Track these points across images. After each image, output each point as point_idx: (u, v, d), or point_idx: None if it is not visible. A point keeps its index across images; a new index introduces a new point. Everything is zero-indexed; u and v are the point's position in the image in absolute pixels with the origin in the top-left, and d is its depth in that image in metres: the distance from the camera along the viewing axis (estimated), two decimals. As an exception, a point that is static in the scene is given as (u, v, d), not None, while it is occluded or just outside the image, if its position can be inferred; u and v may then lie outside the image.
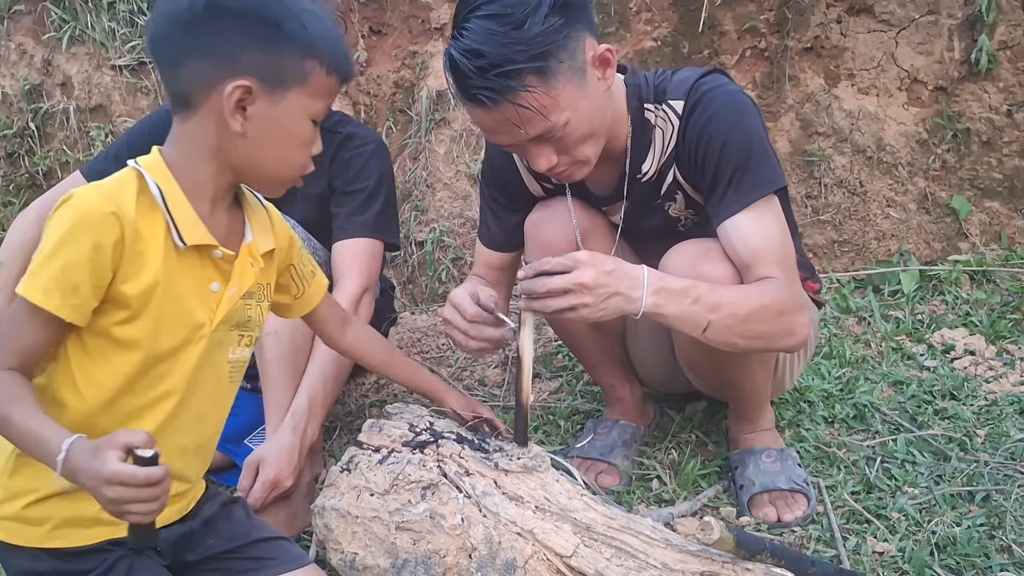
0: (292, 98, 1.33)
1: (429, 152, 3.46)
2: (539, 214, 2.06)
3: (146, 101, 3.47)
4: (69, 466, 1.16)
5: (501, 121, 1.71)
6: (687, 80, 1.87)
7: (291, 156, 1.38)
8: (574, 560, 1.46)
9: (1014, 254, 3.22)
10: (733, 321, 1.71)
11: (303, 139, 1.38)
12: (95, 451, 1.14)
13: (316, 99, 1.36)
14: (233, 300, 1.40)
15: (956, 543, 1.83)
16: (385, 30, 3.55)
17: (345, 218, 2.20)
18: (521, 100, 1.66)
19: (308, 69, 1.32)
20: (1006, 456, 2.15)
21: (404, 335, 3.01)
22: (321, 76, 1.34)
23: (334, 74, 1.36)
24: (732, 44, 3.32)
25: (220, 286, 1.39)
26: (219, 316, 1.39)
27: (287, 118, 1.34)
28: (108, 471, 1.13)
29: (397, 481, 1.61)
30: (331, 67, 1.35)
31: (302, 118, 1.36)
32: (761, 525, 1.95)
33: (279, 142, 1.36)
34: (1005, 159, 3.21)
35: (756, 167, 1.81)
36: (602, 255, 1.65)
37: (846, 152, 3.28)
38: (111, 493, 1.13)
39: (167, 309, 1.32)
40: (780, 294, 1.75)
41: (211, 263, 1.38)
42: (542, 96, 1.67)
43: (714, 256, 1.83)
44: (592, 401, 2.50)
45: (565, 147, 1.77)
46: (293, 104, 1.33)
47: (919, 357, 2.71)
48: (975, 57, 3.12)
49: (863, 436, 2.28)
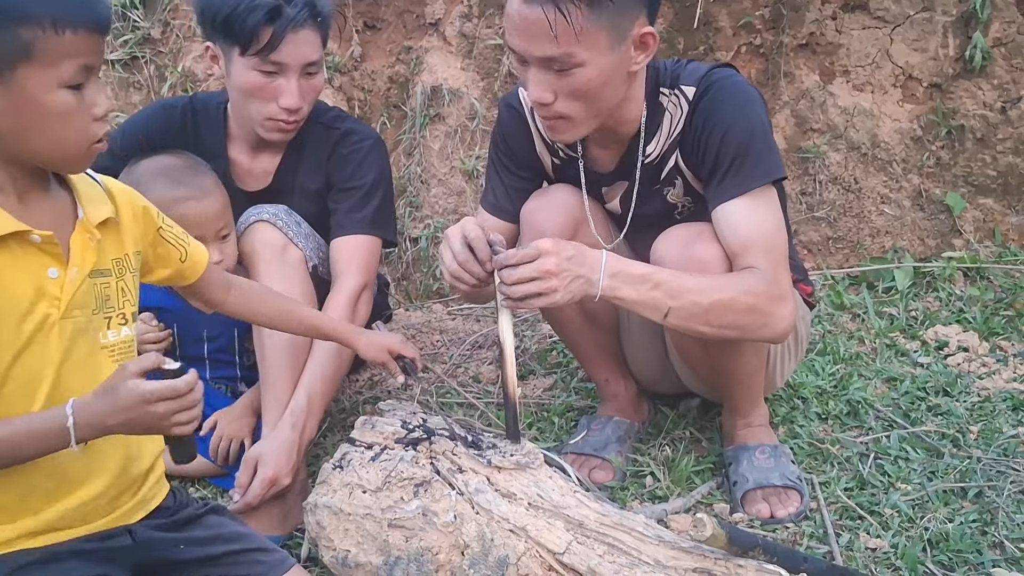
0: (22, 76, 1.15)
1: (424, 148, 3.46)
2: (536, 201, 2.07)
3: (139, 96, 3.45)
4: (84, 424, 1.19)
5: (533, 17, 1.70)
6: (700, 69, 1.92)
7: (62, 133, 1.22)
8: (567, 557, 1.46)
9: (1008, 251, 3.22)
10: (697, 309, 1.74)
11: (62, 111, 1.20)
12: (110, 391, 1.19)
13: (56, 66, 1.17)
14: (77, 282, 1.29)
15: (949, 539, 1.84)
16: (379, 25, 3.54)
17: (343, 215, 2.20)
18: (564, 6, 1.67)
19: (28, 39, 1.14)
20: (999, 452, 2.15)
21: (398, 331, 3.00)
22: (48, 40, 1.15)
23: (67, 31, 1.16)
24: (727, 40, 3.32)
25: (59, 271, 1.28)
26: (65, 300, 1.28)
27: (28, 99, 1.17)
28: (146, 392, 1.18)
29: (390, 478, 1.61)
30: (60, 25, 1.15)
31: (48, 91, 1.17)
32: (754, 521, 1.95)
33: (37, 125, 1.19)
34: (999, 156, 3.22)
35: (756, 156, 1.84)
36: (564, 241, 1.69)
37: (841, 149, 3.28)
38: (158, 409, 1.19)
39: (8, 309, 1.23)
40: (755, 285, 1.77)
41: (36, 250, 1.26)
42: (580, 20, 1.68)
43: (706, 238, 1.86)
44: (586, 398, 2.50)
45: (565, 90, 1.77)
46: (28, 82, 1.16)
47: (913, 354, 2.71)
48: (969, 54, 3.12)
49: (856, 432, 2.29)
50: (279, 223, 2.11)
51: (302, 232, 2.16)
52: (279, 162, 2.27)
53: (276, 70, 2.05)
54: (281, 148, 2.26)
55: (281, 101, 2.07)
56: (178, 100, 2.38)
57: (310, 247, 2.16)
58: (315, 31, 2.08)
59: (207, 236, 1.97)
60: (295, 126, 2.15)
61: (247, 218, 2.14)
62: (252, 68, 2.04)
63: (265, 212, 2.13)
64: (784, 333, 1.83)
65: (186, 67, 3.39)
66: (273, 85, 2.07)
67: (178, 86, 3.36)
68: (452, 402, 2.53)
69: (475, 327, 3.06)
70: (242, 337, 2.24)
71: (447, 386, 2.62)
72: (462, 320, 3.15)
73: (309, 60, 2.07)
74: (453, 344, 2.93)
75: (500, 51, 3.40)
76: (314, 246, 2.18)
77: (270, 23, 1.99)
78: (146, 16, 3.44)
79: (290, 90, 2.07)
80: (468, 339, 2.93)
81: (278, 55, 2.02)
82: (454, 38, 3.45)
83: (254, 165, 2.28)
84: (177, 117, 2.28)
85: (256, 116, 2.12)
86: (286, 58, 2.04)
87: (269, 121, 2.11)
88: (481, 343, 2.93)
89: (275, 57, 2.02)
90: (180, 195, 1.98)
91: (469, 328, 3.06)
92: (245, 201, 2.21)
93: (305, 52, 2.06)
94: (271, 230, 2.10)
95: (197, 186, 2.04)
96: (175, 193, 1.98)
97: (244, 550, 1.50)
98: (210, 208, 2.03)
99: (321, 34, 2.11)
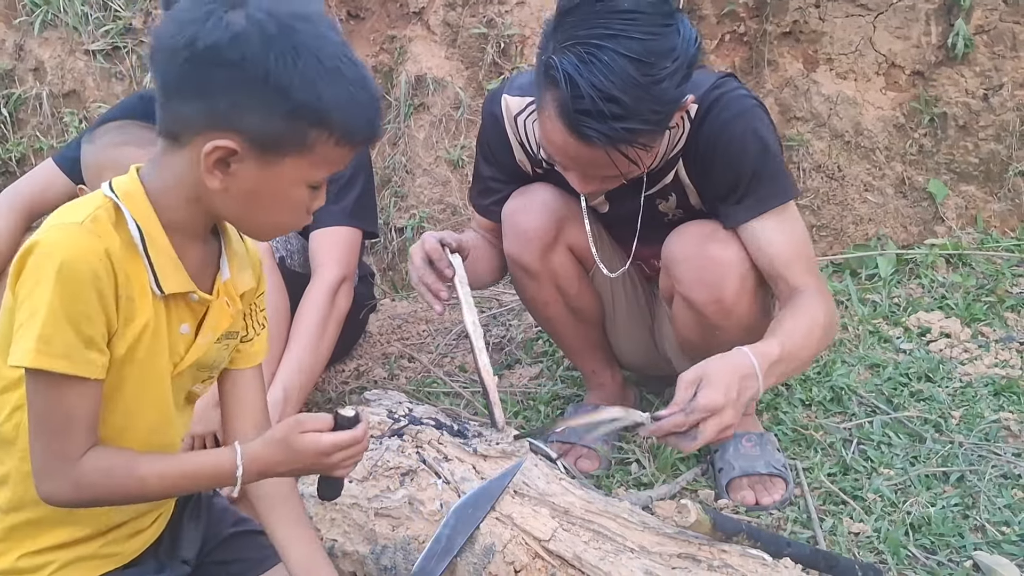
0: (287, 165, 1.16)
1: (408, 138, 3.45)
2: (516, 202, 2.06)
3: (121, 87, 3.43)
4: (252, 471, 1.23)
5: (589, 157, 1.67)
6: (703, 83, 1.84)
7: (279, 218, 1.24)
8: (552, 544, 1.47)
9: (989, 237, 3.24)
10: (811, 356, 1.80)
11: (295, 204, 1.22)
12: (284, 443, 1.22)
13: (317, 168, 1.19)
14: (205, 347, 1.28)
15: (931, 523, 1.86)
16: (363, 14, 3.52)
17: (322, 206, 2.19)
18: (627, 151, 1.64)
19: (313, 139, 1.15)
20: (980, 437, 2.17)
21: (384, 322, 3.00)
22: (328, 146, 1.17)
23: (346, 145, 1.18)
24: (711, 29, 3.32)
25: (189, 328, 1.26)
26: (188, 361, 1.26)
27: (277, 183, 1.18)
28: (326, 445, 1.22)
29: (376, 468, 1.61)
30: (343, 138, 1.17)
31: (296, 184, 1.20)
32: (739, 508, 1.96)
33: (266, 205, 1.20)
34: (981, 143, 3.23)
35: (775, 173, 1.85)
36: (721, 381, 1.54)
37: (824, 137, 3.29)
38: (334, 459, 1.23)
39: (149, 357, 1.21)
40: (822, 310, 1.78)
41: (184, 305, 1.24)
42: (646, 152, 1.67)
43: (721, 238, 1.87)
44: (572, 386, 2.51)
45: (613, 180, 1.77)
46: (287, 171, 1.17)
47: (895, 340, 2.73)
48: (952, 41, 3.13)
49: (840, 418, 2.30)
50: None
51: None
52: None
53: None
54: None
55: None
56: (158, 91, 2.36)
57: (276, 238, 2.14)
58: None
59: None
60: None
61: None
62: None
63: None
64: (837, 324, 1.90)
65: (168, 57, 3.36)
66: None
67: (160, 76, 3.34)
68: (438, 391, 2.53)
69: (460, 317, 3.05)
70: None
71: (433, 375, 2.62)
72: (448, 310, 3.14)
73: None
74: (439, 334, 2.93)
75: (484, 40, 3.39)
76: (280, 237, 2.15)
77: None
78: (127, 5, 3.42)
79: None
80: (454, 329, 2.93)
81: None
82: (438, 27, 3.44)
83: None
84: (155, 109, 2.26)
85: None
86: None
87: None
88: (467, 332, 2.92)
89: None
90: (120, 140, 1.97)
91: (455, 318, 3.05)
92: None
93: None
94: None
95: (140, 136, 2.02)
96: (116, 139, 1.97)
97: (251, 532, 1.49)
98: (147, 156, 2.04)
99: None
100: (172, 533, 1.42)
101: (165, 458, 1.24)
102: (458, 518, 1.51)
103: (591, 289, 2.17)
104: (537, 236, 2.02)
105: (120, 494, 1.21)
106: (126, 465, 1.19)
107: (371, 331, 2.88)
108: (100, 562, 1.30)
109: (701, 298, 1.87)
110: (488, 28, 3.38)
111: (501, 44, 3.36)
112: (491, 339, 2.83)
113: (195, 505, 1.47)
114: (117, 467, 1.19)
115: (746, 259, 1.86)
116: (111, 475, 1.19)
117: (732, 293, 1.85)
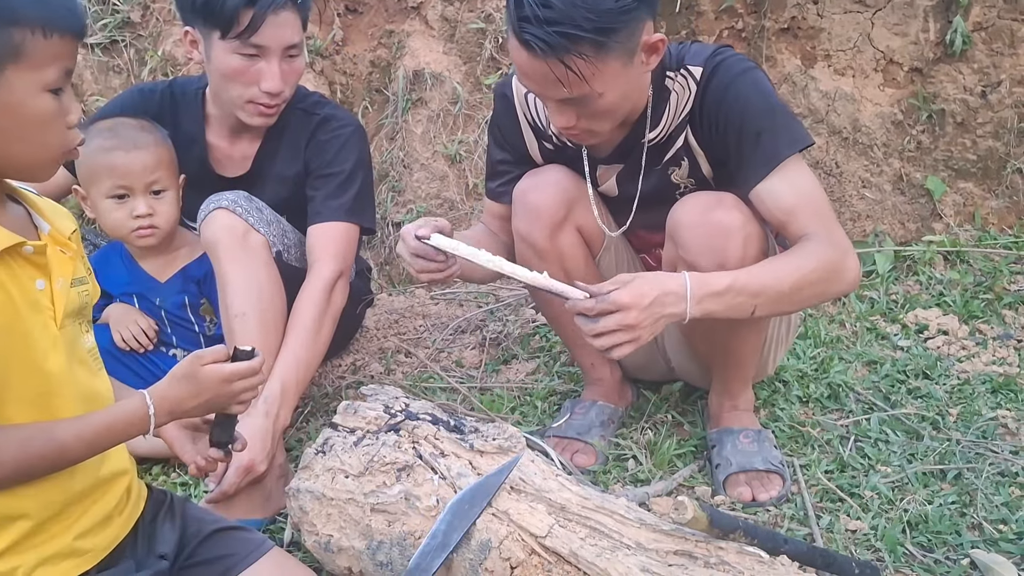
0: (9, 77, 1.15)
1: (406, 132, 3.44)
2: (528, 181, 2.08)
3: (118, 80, 3.41)
4: (163, 411, 1.29)
5: (540, 71, 1.73)
6: (705, 49, 1.93)
7: (39, 138, 1.21)
8: (548, 540, 1.47)
9: (987, 234, 3.24)
10: (778, 296, 1.76)
11: (44, 115, 1.19)
12: (189, 377, 1.31)
13: (42, 70, 1.17)
14: (65, 293, 1.27)
15: (928, 521, 1.85)
16: (361, 9, 3.51)
17: (321, 202, 2.19)
18: (569, 62, 1.69)
19: (18, 40, 1.14)
20: (978, 435, 2.17)
21: (381, 316, 3.00)
22: (38, 42, 1.15)
23: (54, 34, 1.16)
24: (709, 24, 3.32)
25: (44, 282, 1.25)
26: (59, 312, 1.26)
27: (10, 99, 1.16)
28: (226, 373, 1.33)
29: (372, 463, 1.61)
30: (48, 27, 1.16)
31: (33, 94, 1.17)
32: (736, 504, 1.96)
33: (16, 128, 1.18)
34: (979, 140, 3.23)
35: (780, 127, 1.86)
36: (640, 287, 1.64)
37: (822, 133, 3.29)
38: (235, 388, 1.34)
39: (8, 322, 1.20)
40: (818, 251, 1.78)
41: (24, 261, 1.23)
42: (590, 66, 1.71)
43: (727, 204, 1.87)
44: (569, 382, 2.50)
45: (587, 114, 1.81)
46: (14, 83, 1.15)
47: (893, 337, 2.73)
48: (950, 38, 3.13)
49: (837, 415, 2.30)
50: (238, 210, 2.08)
51: (264, 218, 2.13)
52: (258, 148, 2.25)
53: (257, 53, 2.03)
54: (260, 134, 2.24)
55: (263, 85, 2.06)
56: (157, 85, 2.35)
57: (273, 233, 2.13)
58: (295, 13, 2.06)
59: (134, 188, 2.11)
60: (277, 109, 2.14)
61: (207, 207, 2.10)
62: (233, 52, 2.03)
63: (224, 199, 2.10)
64: (856, 281, 1.85)
65: (166, 51, 3.35)
66: (254, 69, 2.05)
67: (158, 70, 3.33)
68: (435, 387, 2.52)
69: (458, 312, 3.05)
70: (195, 306, 2.26)
71: (430, 371, 2.62)
72: (445, 305, 3.14)
73: (290, 43, 2.06)
74: (436, 329, 2.92)
75: (482, 35, 3.38)
76: (278, 232, 2.16)
77: (250, 5, 1.98)
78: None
79: (272, 73, 2.06)
80: (451, 324, 2.92)
81: (259, 37, 2.01)
82: (436, 22, 3.43)
83: (233, 151, 2.26)
84: (155, 102, 2.26)
85: (237, 100, 2.11)
86: (267, 41, 2.02)
87: (250, 105, 2.10)
88: (464, 328, 2.92)
89: (256, 40, 2.01)
90: (110, 145, 2.07)
91: (452, 313, 3.05)
92: (223, 187, 2.19)
93: (286, 34, 2.04)
94: (231, 217, 2.07)
95: (130, 138, 2.10)
96: (107, 143, 2.06)
97: (235, 528, 1.51)
98: (137, 159, 2.09)
99: (301, 16, 2.09)
100: (147, 533, 1.42)
101: (79, 419, 1.25)
102: (454, 514, 1.51)
103: (597, 276, 2.16)
104: (547, 213, 2.04)
105: (42, 465, 1.22)
106: (42, 433, 1.21)
107: (368, 326, 2.88)
108: (75, 561, 1.29)
109: (705, 262, 1.85)
110: (486, 23, 3.38)
111: (499, 39, 3.36)
112: (487, 334, 2.83)
113: (169, 507, 1.47)
114: (33, 437, 1.20)
115: (752, 222, 1.86)
116: (28, 446, 1.20)
117: (736, 257, 1.83)
